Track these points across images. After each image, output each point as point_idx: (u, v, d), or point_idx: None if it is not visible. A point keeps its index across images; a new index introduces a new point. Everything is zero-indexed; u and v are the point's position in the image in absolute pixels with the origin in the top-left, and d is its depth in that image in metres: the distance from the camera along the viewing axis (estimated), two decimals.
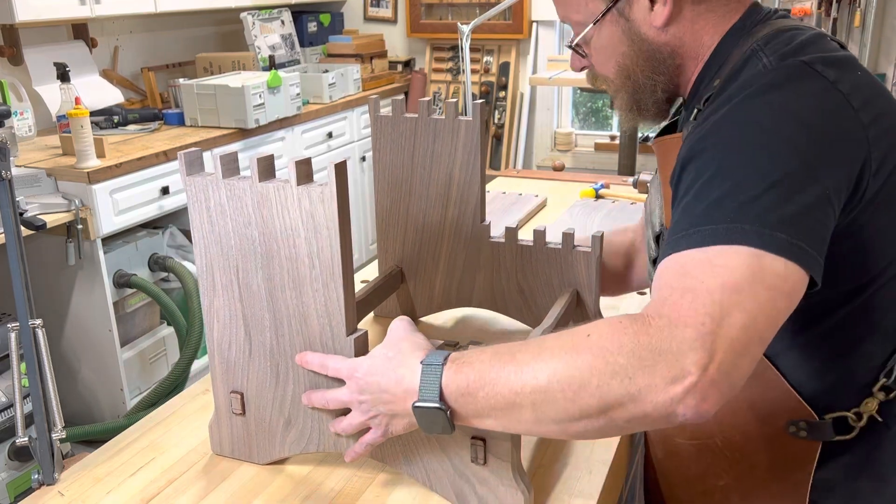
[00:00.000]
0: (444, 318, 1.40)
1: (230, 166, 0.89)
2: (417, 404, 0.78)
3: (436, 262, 1.30)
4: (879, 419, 0.84)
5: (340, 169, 0.83)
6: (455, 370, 0.77)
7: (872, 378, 0.84)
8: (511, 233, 1.24)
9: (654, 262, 0.92)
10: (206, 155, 1.34)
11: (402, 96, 4.11)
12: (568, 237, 1.17)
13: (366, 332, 0.92)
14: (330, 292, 0.88)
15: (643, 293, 1.38)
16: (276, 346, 0.94)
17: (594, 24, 0.91)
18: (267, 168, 0.87)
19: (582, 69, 1.01)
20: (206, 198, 0.90)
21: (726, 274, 0.68)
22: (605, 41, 0.93)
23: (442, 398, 0.77)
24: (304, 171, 0.85)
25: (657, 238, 0.95)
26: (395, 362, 0.82)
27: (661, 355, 0.66)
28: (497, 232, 1.27)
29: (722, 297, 0.67)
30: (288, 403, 0.96)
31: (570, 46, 0.98)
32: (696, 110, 0.87)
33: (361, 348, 0.90)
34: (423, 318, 1.39)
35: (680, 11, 0.88)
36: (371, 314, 1.39)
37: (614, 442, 1.03)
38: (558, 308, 1.12)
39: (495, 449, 0.87)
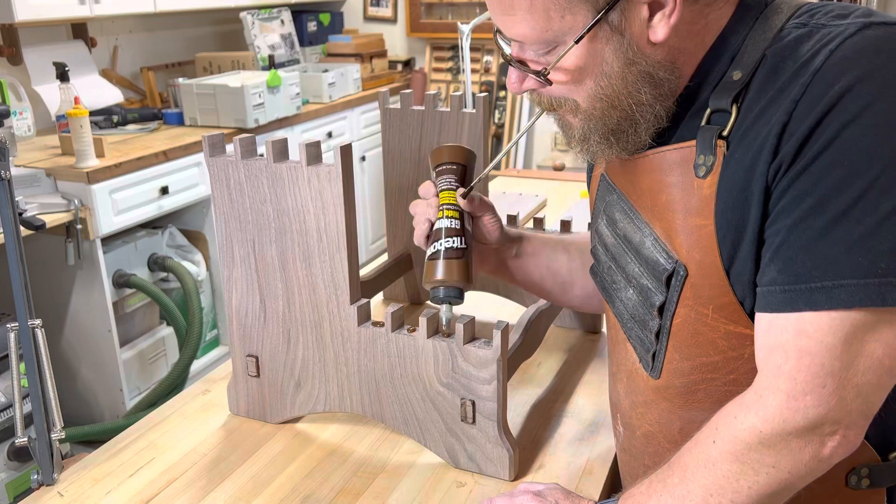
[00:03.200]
0: None
1: (248, 148, 0.98)
2: None
3: None
4: None
5: (346, 151, 0.92)
6: None
7: None
8: (512, 221, 1.32)
9: (661, 308, 0.77)
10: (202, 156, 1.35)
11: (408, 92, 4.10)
12: (566, 224, 1.26)
13: (368, 302, 1.00)
14: (336, 264, 0.97)
15: None
16: (287, 313, 1.03)
17: (576, 42, 0.70)
18: (281, 150, 0.97)
19: (524, 91, 0.79)
20: (227, 177, 0.99)
21: (853, 332, 0.62)
22: (583, 61, 0.72)
23: None
24: (314, 152, 0.94)
25: (668, 278, 0.75)
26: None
27: (793, 437, 0.66)
28: None
29: (845, 354, 0.63)
30: (298, 366, 1.05)
31: (521, 62, 0.76)
32: (707, 111, 0.72)
33: (363, 316, 0.99)
34: (429, 302, 1.44)
35: (682, 18, 0.70)
36: (380, 295, 1.49)
37: (614, 443, 1.04)
38: None
39: (483, 409, 0.94)
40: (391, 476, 0.98)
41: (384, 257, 1.49)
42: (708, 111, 0.72)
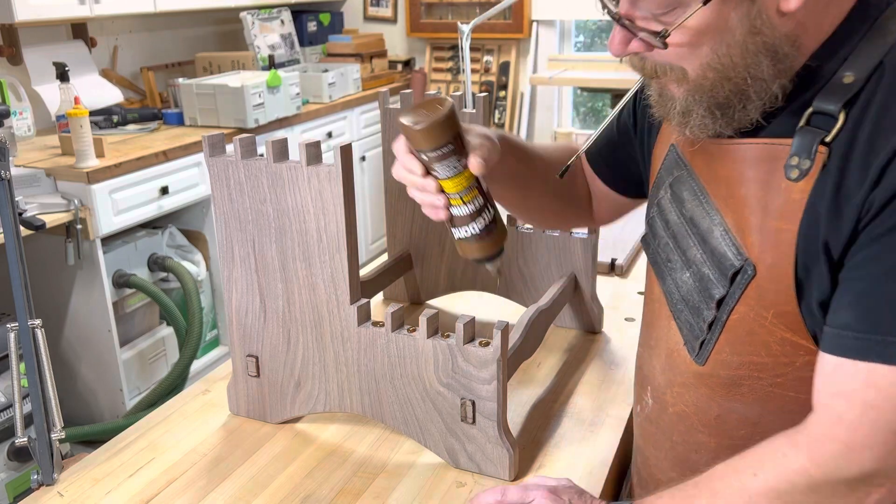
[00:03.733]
0: (448, 301, 1.45)
1: (248, 148, 0.98)
2: None
3: (441, 248, 1.39)
4: None
5: (346, 151, 0.91)
6: None
7: None
8: (512, 220, 1.33)
9: (720, 302, 0.75)
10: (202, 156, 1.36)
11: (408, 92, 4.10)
12: None
13: (368, 302, 1.00)
14: (336, 264, 0.97)
15: (630, 319, 1.38)
16: (287, 313, 1.03)
17: (705, 2, 0.64)
18: (281, 150, 0.97)
19: (629, 53, 0.73)
20: (227, 177, 0.99)
21: None
22: (705, 23, 0.66)
23: None
24: (314, 152, 0.94)
25: (734, 274, 0.73)
26: None
27: (843, 485, 0.65)
28: None
29: None
30: (298, 366, 1.05)
31: (637, 28, 0.69)
32: (809, 111, 0.68)
33: (363, 316, 0.99)
34: (429, 301, 1.46)
35: None
36: (380, 295, 1.49)
37: (614, 443, 1.04)
38: (555, 289, 1.21)
39: (483, 409, 0.94)
40: (391, 476, 0.98)
41: (384, 257, 1.49)
42: (809, 111, 0.68)
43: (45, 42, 2.98)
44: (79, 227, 2.37)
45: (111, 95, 3.14)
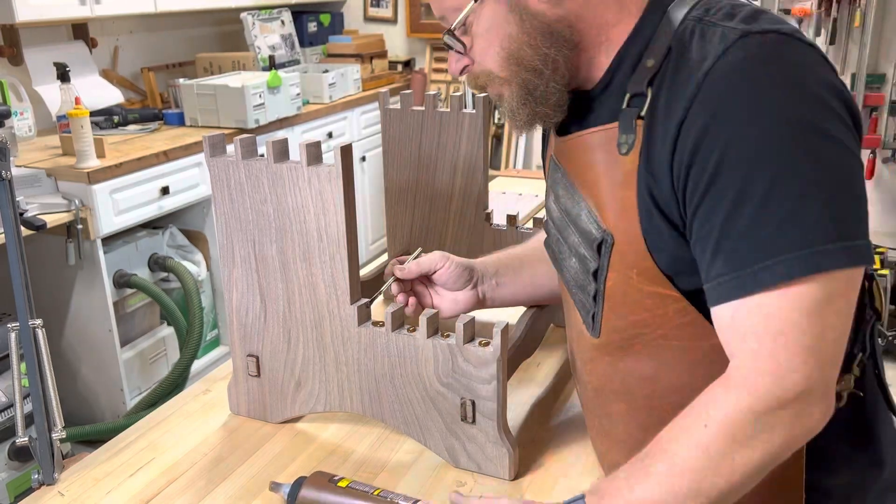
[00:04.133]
0: None
1: (249, 149, 0.98)
2: None
3: (441, 247, 1.40)
4: (860, 394, 0.84)
5: (346, 151, 0.92)
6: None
7: (846, 355, 0.80)
8: (512, 220, 1.34)
9: (595, 273, 0.84)
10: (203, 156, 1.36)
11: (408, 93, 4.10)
12: None
13: (368, 302, 1.00)
14: (336, 264, 0.97)
15: None
16: (288, 313, 1.03)
17: (476, 1, 0.80)
18: (281, 150, 0.97)
19: (462, 71, 0.88)
20: (227, 177, 0.99)
21: (811, 304, 0.68)
22: (488, 23, 0.82)
23: None
24: (314, 153, 0.94)
25: (599, 245, 0.83)
26: None
27: (785, 411, 0.70)
28: (498, 220, 1.37)
29: (812, 328, 0.68)
30: (298, 366, 1.05)
31: (449, 34, 0.85)
32: (627, 96, 0.79)
33: (364, 316, 0.99)
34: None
35: None
36: (381, 295, 1.46)
37: None
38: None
39: (483, 408, 0.95)
40: (391, 476, 0.98)
41: (384, 257, 1.49)
42: (628, 95, 0.79)
43: (46, 42, 2.98)
44: (79, 227, 2.37)
45: (112, 96, 3.15)
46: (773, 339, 0.69)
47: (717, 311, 0.73)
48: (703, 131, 0.71)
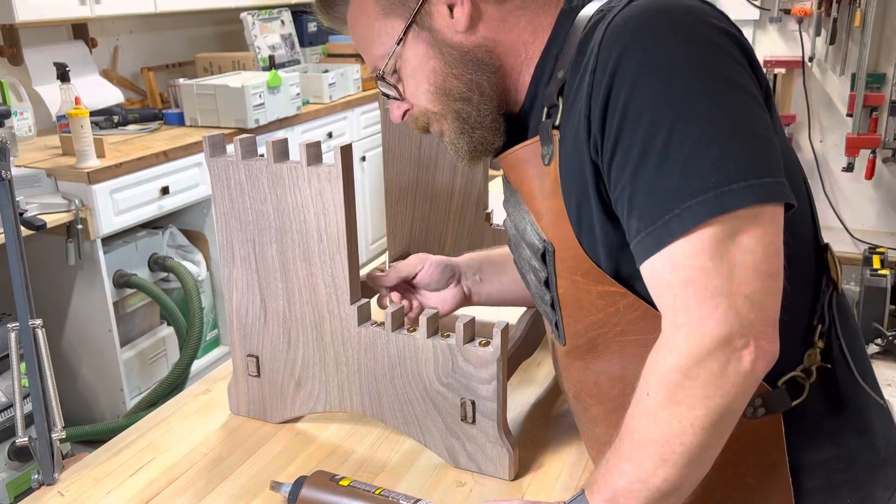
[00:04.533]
0: None
1: (248, 149, 0.98)
2: None
3: (441, 248, 1.39)
4: (828, 366, 0.83)
5: (346, 151, 0.92)
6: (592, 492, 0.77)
7: (806, 328, 0.82)
8: None
9: (546, 282, 0.86)
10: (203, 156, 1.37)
11: None
12: None
13: (368, 302, 1.00)
14: (336, 264, 0.97)
15: None
16: (288, 313, 1.03)
17: (398, 43, 0.85)
18: (281, 150, 0.97)
19: (403, 116, 0.92)
20: (227, 177, 0.99)
21: (714, 246, 0.67)
22: (413, 63, 0.86)
23: None
24: (314, 153, 0.94)
25: (543, 255, 0.85)
26: None
27: (710, 360, 0.68)
28: (498, 220, 1.35)
29: (719, 269, 0.67)
30: (298, 366, 1.05)
31: (381, 81, 0.90)
32: (545, 109, 0.82)
33: (364, 316, 0.99)
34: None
35: (482, 11, 0.83)
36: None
37: None
38: None
39: (483, 408, 0.95)
40: (391, 476, 0.98)
41: (384, 257, 1.49)
42: (545, 109, 0.82)
43: (46, 42, 2.98)
44: (79, 227, 2.37)
45: (112, 96, 3.15)
46: (683, 289, 0.69)
47: (642, 269, 0.73)
48: (606, 94, 0.72)
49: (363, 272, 1.33)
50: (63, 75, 2.62)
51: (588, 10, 0.81)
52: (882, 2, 3.39)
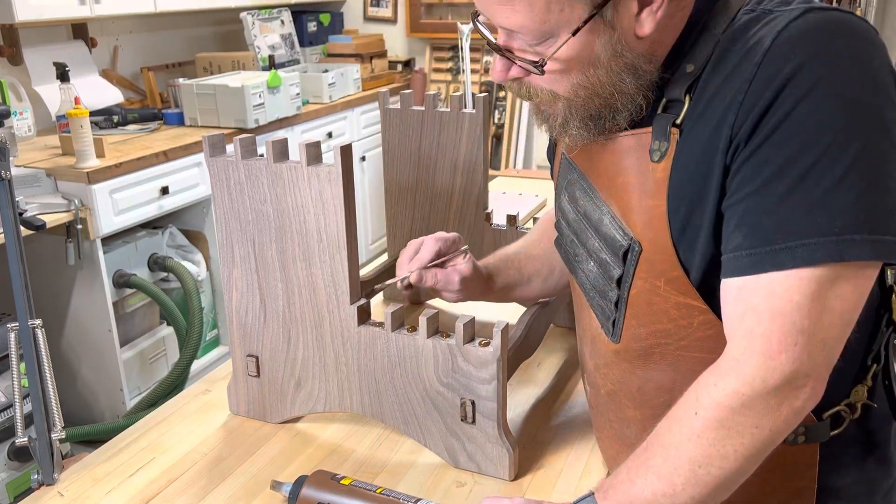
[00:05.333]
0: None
1: (248, 148, 0.98)
2: None
3: None
4: (874, 405, 0.83)
5: (346, 151, 0.91)
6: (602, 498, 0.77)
7: (860, 366, 0.82)
8: (512, 220, 1.34)
9: (619, 280, 0.82)
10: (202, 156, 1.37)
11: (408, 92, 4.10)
12: None
13: (368, 302, 1.00)
14: (336, 264, 0.97)
15: None
16: (287, 313, 1.03)
17: (573, 34, 0.73)
18: (281, 150, 0.97)
19: (509, 80, 0.81)
20: (227, 177, 0.99)
21: (817, 288, 0.67)
22: (576, 53, 0.74)
23: None
24: (314, 153, 0.94)
25: (625, 253, 0.80)
26: None
27: (772, 395, 0.69)
28: (498, 220, 1.37)
29: (811, 310, 0.67)
30: (298, 366, 1.05)
31: (515, 57, 0.78)
32: (664, 101, 0.77)
33: (363, 316, 0.99)
34: (429, 301, 1.46)
35: (666, 14, 0.75)
36: (380, 295, 1.48)
37: None
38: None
39: (483, 408, 0.94)
40: (391, 476, 0.98)
41: (384, 257, 1.49)
42: (664, 100, 0.77)
43: (46, 42, 2.98)
44: (79, 227, 2.37)
45: (111, 95, 3.14)
46: (771, 318, 0.68)
47: (726, 283, 0.72)
48: (766, 107, 0.68)
49: (363, 272, 1.33)
50: (63, 75, 2.62)
51: (731, 6, 0.76)
52: (882, 2, 3.40)
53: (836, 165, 0.66)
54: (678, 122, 0.75)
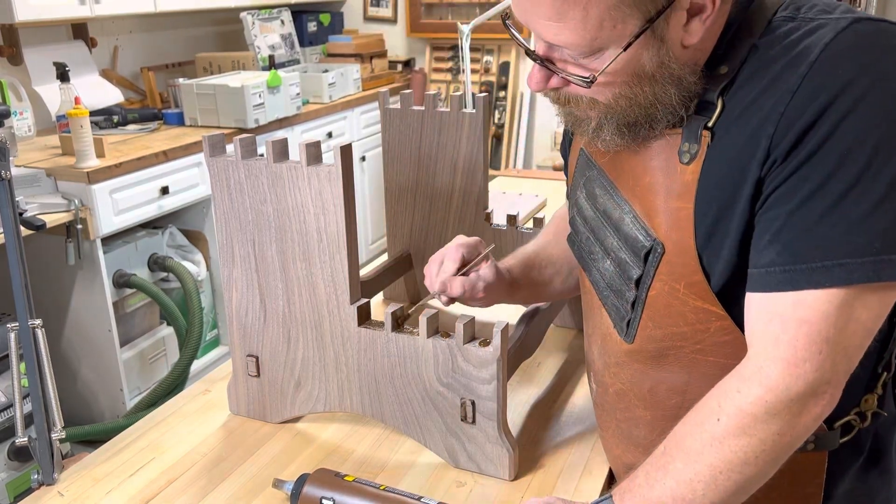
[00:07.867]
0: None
1: (248, 148, 0.98)
2: None
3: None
4: (884, 413, 0.84)
5: (346, 151, 0.91)
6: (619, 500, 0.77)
7: (870, 375, 0.82)
8: (512, 220, 1.34)
9: (638, 281, 0.81)
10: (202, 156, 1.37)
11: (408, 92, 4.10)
12: None
13: (368, 302, 1.00)
14: (336, 264, 0.97)
15: None
16: (287, 313, 1.03)
17: (625, 49, 0.71)
18: (281, 150, 0.97)
19: (550, 89, 0.79)
20: (227, 177, 0.99)
21: (845, 298, 0.67)
22: (623, 66, 0.72)
23: None
24: (314, 153, 0.94)
25: (647, 254, 0.79)
26: None
27: (795, 402, 0.69)
28: (498, 220, 1.37)
29: (837, 319, 0.67)
30: (298, 366, 1.05)
31: (557, 69, 0.75)
32: (694, 103, 0.76)
33: (363, 315, 0.99)
34: (430, 303, 1.44)
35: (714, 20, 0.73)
36: (380, 295, 1.48)
37: None
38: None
39: (483, 408, 0.94)
40: (391, 476, 0.98)
41: (384, 257, 1.49)
42: (695, 101, 0.76)
43: (46, 42, 2.98)
44: (79, 227, 2.37)
45: (111, 95, 3.14)
46: (797, 326, 0.68)
47: (753, 296, 0.72)
48: (811, 121, 0.67)
49: (363, 272, 1.33)
50: (63, 75, 2.62)
51: (765, 10, 0.74)
52: (882, 2, 3.39)
53: (877, 184, 0.65)
54: (710, 125, 0.74)
